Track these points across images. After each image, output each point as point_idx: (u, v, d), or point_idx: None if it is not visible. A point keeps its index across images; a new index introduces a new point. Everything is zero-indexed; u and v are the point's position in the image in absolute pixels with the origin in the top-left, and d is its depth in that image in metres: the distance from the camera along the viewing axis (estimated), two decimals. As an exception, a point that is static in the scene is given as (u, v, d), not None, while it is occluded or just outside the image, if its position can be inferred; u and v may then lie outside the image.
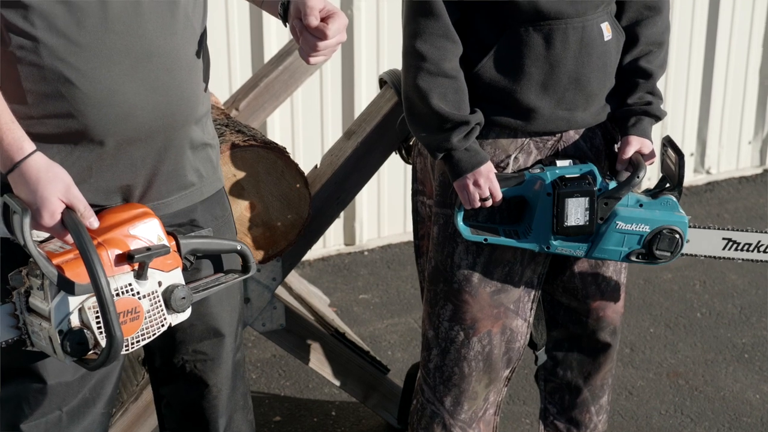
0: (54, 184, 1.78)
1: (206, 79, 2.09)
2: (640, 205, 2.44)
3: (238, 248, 2.10)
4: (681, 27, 5.14)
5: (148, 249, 1.87)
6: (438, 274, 2.52)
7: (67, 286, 1.78)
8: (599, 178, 2.41)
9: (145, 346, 2.24)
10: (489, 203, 2.38)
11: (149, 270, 1.88)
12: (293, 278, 3.63)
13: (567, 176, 2.39)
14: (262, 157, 2.70)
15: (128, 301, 1.85)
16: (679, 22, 5.13)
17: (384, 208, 4.84)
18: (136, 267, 1.87)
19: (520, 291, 2.52)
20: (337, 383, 3.24)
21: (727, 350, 3.84)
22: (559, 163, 2.41)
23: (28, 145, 1.80)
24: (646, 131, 2.47)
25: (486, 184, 2.35)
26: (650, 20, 2.47)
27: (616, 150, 2.50)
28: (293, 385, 3.67)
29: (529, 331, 2.60)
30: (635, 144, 2.45)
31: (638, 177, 2.40)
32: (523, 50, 2.33)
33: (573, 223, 2.40)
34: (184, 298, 1.94)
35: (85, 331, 1.81)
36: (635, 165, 2.43)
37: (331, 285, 4.46)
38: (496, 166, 2.40)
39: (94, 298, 1.79)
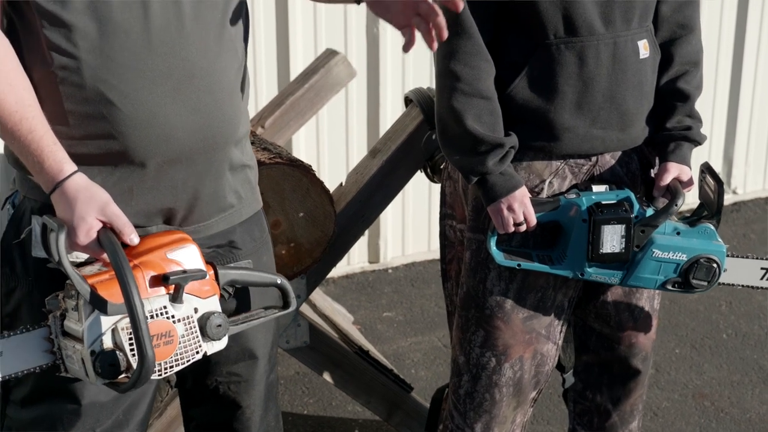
0: (91, 203, 1.78)
1: (246, 100, 2.10)
2: (678, 233, 2.41)
3: (278, 282, 2.06)
4: (708, 46, 5.09)
5: (184, 272, 1.86)
6: (470, 300, 2.51)
7: (100, 304, 1.77)
8: (636, 205, 2.38)
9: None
10: (523, 228, 2.36)
11: (185, 295, 1.86)
12: (317, 295, 3.63)
13: (603, 202, 2.36)
14: (287, 175, 2.70)
15: (162, 323, 1.83)
16: (707, 40, 5.08)
17: (408, 226, 4.83)
18: (171, 290, 1.85)
19: (552, 316, 2.50)
20: (361, 401, 3.23)
21: (753, 372, 3.81)
22: (595, 188, 2.38)
23: (69, 167, 1.80)
24: (685, 157, 2.45)
25: (520, 208, 2.34)
26: (684, 39, 2.45)
27: (653, 175, 2.48)
28: (317, 402, 3.66)
29: (558, 354, 2.58)
30: (674, 171, 2.43)
31: (676, 205, 2.37)
32: (556, 68, 2.31)
33: (608, 251, 2.37)
34: (220, 325, 1.91)
35: (118, 353, 1.80)
36: (673, 192, 2.40)
37: (355, 302, 4.45)
38: (531, 191, 2.38)
39: (127, 320, 1.78)
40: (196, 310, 1.89)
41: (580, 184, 2.42)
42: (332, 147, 4.56)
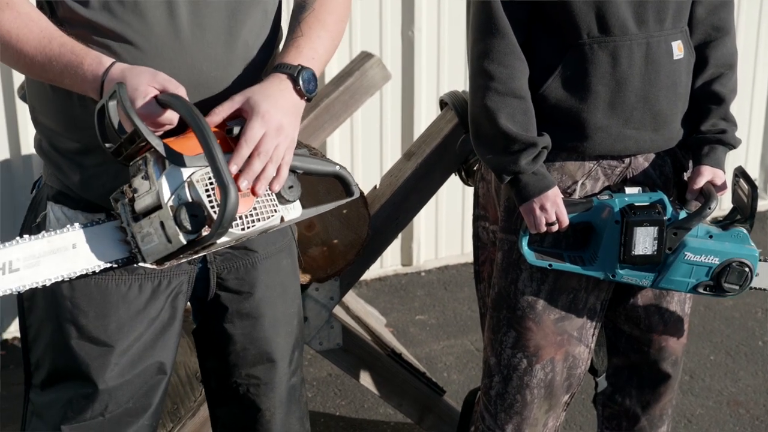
0: (141, 75, 1.74)
1: None
2: (710, 237, 2.40)
3: (337, 169, 2.01)
4: (745, 49, 5.08)
5: None
6: (501, 301, 2.51)
7: (175, 157, 1.72)
8: (669, 208, 2.37)
9: (201, 367, 2.26)
10: (555, 228, 2.36)
11: None
12: (350, 298, 3.64)
13: (636, 204, 2.36)
14: (321, 178, 2.70)
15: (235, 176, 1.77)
16: (746, 45, 5.07)
17: (442, 229, 4.83)
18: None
19: (584, 318, 2.49)
20: (393, 404, 3.23)
21: (789, 380, 3.78)
22: (628, 190, 2.38)
23: (106, 59, 1.78)
24: (719, 161, 2.43)
25: (553, 208, 2.34)
26: (719, 41, 2.44)
27: (686, 179, 2.47)
28: (349, 404, 3.67)
29: (590, 357, 2.57)
30: (707, 174, 2.41)
31: (709, 208, 2.36)
32: (589, 68, 2.31)
33: (640, 253, 2.37)
34: (292, 186, 1.85)
35: (197, 205, 1.73)
36: (707, 196, 2.39)
37: (388, 305, 4.46)
38: (563, 192, 2.37)
39: (201, 171, 1.73)
40: None
41: (613, 185, 2.41)
42: (366, 150, 4.57)
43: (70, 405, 2.01)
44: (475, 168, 2.85)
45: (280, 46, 2.01)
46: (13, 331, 4.12)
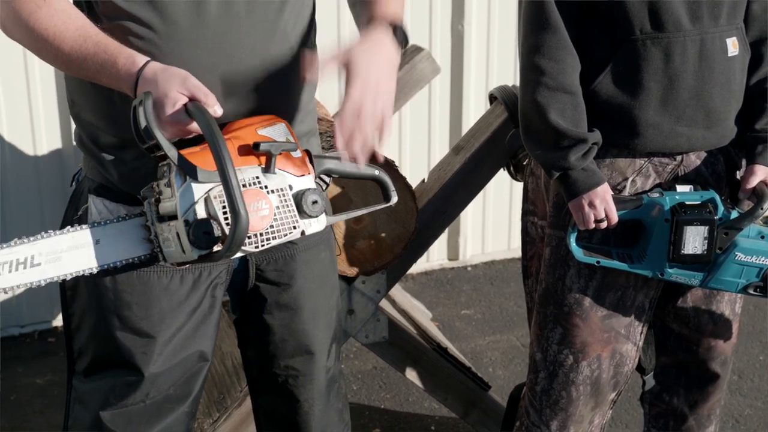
0: (171, 79, 1.76)
1: (309, 97, 2.08)
2: (762, 237, 2.37)
3: (375, 174, 2.00)
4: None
5: (274, 141, 1.82)
6: (548, 296, 2.50)
7: (189, 169, 1.75)
8: (720, 207, 2.35)
9: (242, 357, 2.27)
10: (604, 225, 2.35)
11: (279, 170, 1.82)
12: (397, 291, 3.64)
13: (687, 203, 2.34)
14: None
15: (255, 192, 1.79)
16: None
17: (489, 224, 4.82)
18: (263, 161, 1.81)
19: (632, 315, 2.48)
20: (438, 398, 3.23)
21: (840, 381, 3.73)
22: (679, 188, 2.36)
23: (140, 59, 1.79)
24: None
25: (602, 205, 2.32)
26: None
27: (739, 178, 2.44)
28: (393, 397, 3.67)
29: (638, 355, 2.56)
30: (761, 174, 2.38)
31: (762, 209, 2.33)
32: (641, 64, 2.29)
33: (690, 252, 2.35)
34: (316, 202, 1.85)
35: (212, 221, 1.76)
36: (759, 195, 2.36)
37: (434, 299, 4.45)
38: (613, 189, 2.36)
39: (219, 187, 1.75)
40: (290, 187, 1.84)
41: (664, 183, 2.39)
42: (414, 143, 4.57)
43: (113, 392, 2.03)
44: (524, 163, 2.84)
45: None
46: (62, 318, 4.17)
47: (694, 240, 2.34)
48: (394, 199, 2.03)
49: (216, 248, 1.76)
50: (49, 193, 4.01)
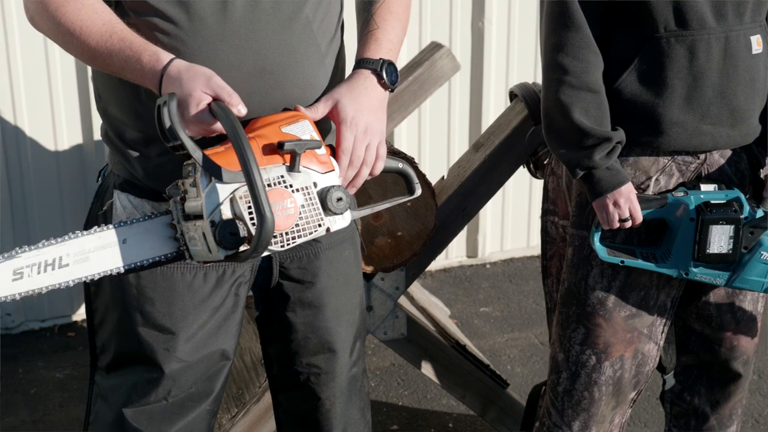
0: (196, 78, 1.77)
1: None
2: None
3: (399, 167, 2.03)
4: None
5: (299, 140, 1.83)
6: (571, 297, 2.49)
7: (214, 170, 1.76)
8: (746, 206, 2.34)
9: (264, 354, 2.27)
10: (628, 225, 2.34)
11: (303, 168, 1.84)
12: (415, 288, 3.64)
13: (712, 202, 2.33)
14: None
15: (280, 192, 1.80)
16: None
17: (508, 222, 4.81)
18: (287, 160, 1.82)
19: (654, 315, 2.47)
20: (456, 395, 3.23)
21: None
22: (704, 187, 2.35)
23: (165, 56, 1.80)
24: None
25: (626, 204, 2.31)
26: None
27: (762, 176, 2.43)
28: (411, 394, 3.67)
29: (659, 354, 2.55)
30: None
31: None
32: (665, 62, 2.28)
33: (716, 251, 2.34)
34: (341, 199, 1.86)
35: (238, 222, 1.77)
36: None
37: (452, 297, 4.45)
38: (636, 188, 2.35)
39: (245, 188, 1.77)
40: (315, 185, 1.85)
41: (688, 182, 2.38)
42: (434, 140, 4.56)
43: (135, 389, 2.04)
44: (545, 162, 2.83)
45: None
46: (83, 313, 4.19)
47: (720, 239, 2.33)
48: (418, 191, 2.06)
49: (242, 248, 1.77)
50: (69, 188, 4.03)
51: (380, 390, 3.69)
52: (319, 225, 1.86)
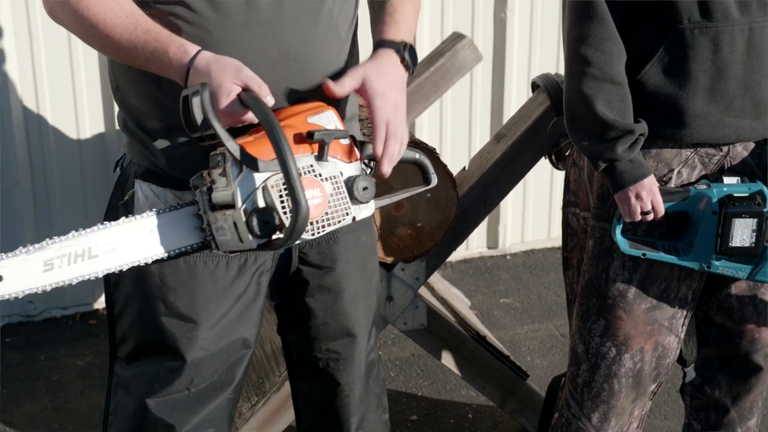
0: (225, 70, 1.77)
1: None
2: None
3: (417, 157, 2.05)
4: None
5: (327, 130, 1.85)
6: (591, 289, 2.48)
7: (250, 162, 1.77)
8: None
9: (282, 341, 2.28)
10: (650, 217, 2.33)
11: (330, 158, 1.86)
12: (436, 279, 3.64)
13: (735, 195, 2.31)
14: (411, 157, 2.70)
15: (310, 180, 1.82)
16: None
17: (529, 213, 4.80)
18: (315, 150, 1.84)
19: (675, 307, 2.46)
20: (476, 386, 3.23)
21: None
22: (726, 180, 2.34)
23: (192, 48, 1.80)
24: None
25: (648, 197, 2.30)
26: None
27: None
28: (431, 385, 3.67)
29: (680, 347, 2.54)
30: None
31: None
32: (689, 54, 2.26)
33: (738, 244, 2.33)
34: (366, 188, 1.89)
35: (270, 211, 1.78)
36: None
37: (472, 287, 4.45)
38: (658, 180, 2.34)
39: (276, 177, 1.78)
40: (341, 174, 1.88)
41: (710, 174, 2.37)
42: (455, 131, 4.56)
43: (157, 378, 2.04)
44: (566, 153, 2.82)
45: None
46: (104, 301, 4.21)
47: (743, 232, 2.32)
48: (434, 181, 2.07)
49: (275, 237, 1.78)
50: (92, 177, 4.05)
51: (400, 380, 3.70)
52: (347, 214, 1.88)
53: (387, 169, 1.92)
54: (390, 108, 1.91)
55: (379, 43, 1.98)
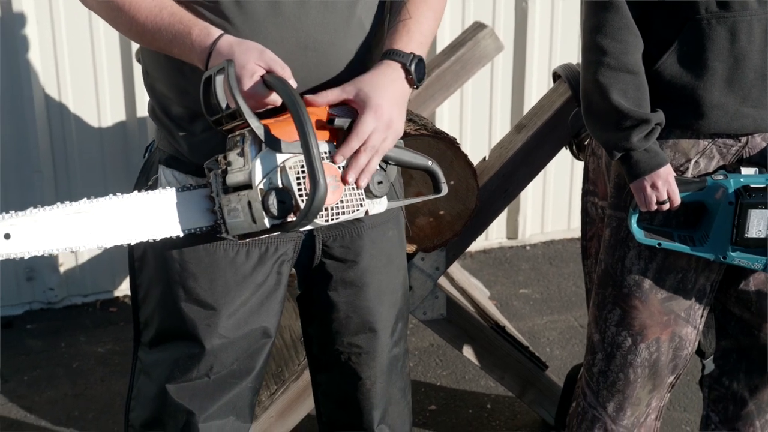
0: (248, 52, 1.77)
1: None
2: None
3: (429, 164, 2.03)
4: None
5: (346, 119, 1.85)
6: (607, 278, 2.48)
7: (273, 142, 1.77)
8: None
9: (304, 333, 2.28)
10: (666, 207, 2.32)
11: None
12: (455, 269, 3.64)
13: (752, 186, 2.30)
14: (431, 147, 2.70)
15: (328, 166, 1.82)
16: None
17: (549, 204, 4.79)
18: (333, 138, 1.85)
19: (692, 299, 2.45)
20: (495, 376, 3.23)
21: None
22: (744, 170, 2.32)
23: (215, 30, 1.81)
24: None
25: (664, 187, 2.29)
26: None
27: None
28: (450, 375, 3.68)
29: (698, 338, 2.53)
30: None
31: None
32: (706, 44, 2.25)
33: (754, 235, 2.32)
34: (381, 182, 1.90)
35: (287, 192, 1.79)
36: None
37: (492, 278, 4.45)
38: (675, 170, 2.33)
39: (295, 159, 1.78)
40: None
41: (728, 165, 2.36)
42: (475, 121, 4.55)
43: (177, 364, 2.05)
44: (586, 143, 2.81)
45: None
46: (124, 289, 4.23)
47: (759, 223, 2.31)
48: (444, 190, 2.05)
49: (289, 219, 1.78)
50: (113, 165, 4.07)
51: (419, 370, 3.70)
52: (361, 205, 1.88)
53: (350, 179, 1.85)
54: (381, 124, 1.85)
55: (386, 54, 1.93)
